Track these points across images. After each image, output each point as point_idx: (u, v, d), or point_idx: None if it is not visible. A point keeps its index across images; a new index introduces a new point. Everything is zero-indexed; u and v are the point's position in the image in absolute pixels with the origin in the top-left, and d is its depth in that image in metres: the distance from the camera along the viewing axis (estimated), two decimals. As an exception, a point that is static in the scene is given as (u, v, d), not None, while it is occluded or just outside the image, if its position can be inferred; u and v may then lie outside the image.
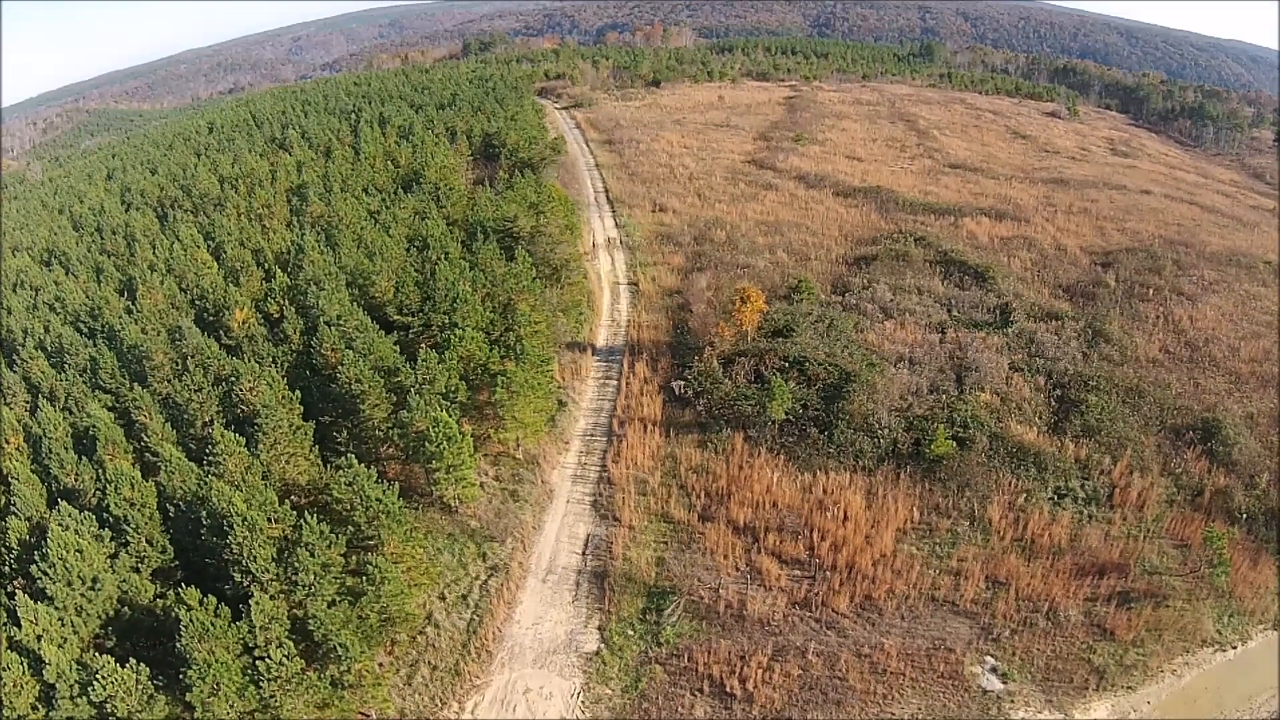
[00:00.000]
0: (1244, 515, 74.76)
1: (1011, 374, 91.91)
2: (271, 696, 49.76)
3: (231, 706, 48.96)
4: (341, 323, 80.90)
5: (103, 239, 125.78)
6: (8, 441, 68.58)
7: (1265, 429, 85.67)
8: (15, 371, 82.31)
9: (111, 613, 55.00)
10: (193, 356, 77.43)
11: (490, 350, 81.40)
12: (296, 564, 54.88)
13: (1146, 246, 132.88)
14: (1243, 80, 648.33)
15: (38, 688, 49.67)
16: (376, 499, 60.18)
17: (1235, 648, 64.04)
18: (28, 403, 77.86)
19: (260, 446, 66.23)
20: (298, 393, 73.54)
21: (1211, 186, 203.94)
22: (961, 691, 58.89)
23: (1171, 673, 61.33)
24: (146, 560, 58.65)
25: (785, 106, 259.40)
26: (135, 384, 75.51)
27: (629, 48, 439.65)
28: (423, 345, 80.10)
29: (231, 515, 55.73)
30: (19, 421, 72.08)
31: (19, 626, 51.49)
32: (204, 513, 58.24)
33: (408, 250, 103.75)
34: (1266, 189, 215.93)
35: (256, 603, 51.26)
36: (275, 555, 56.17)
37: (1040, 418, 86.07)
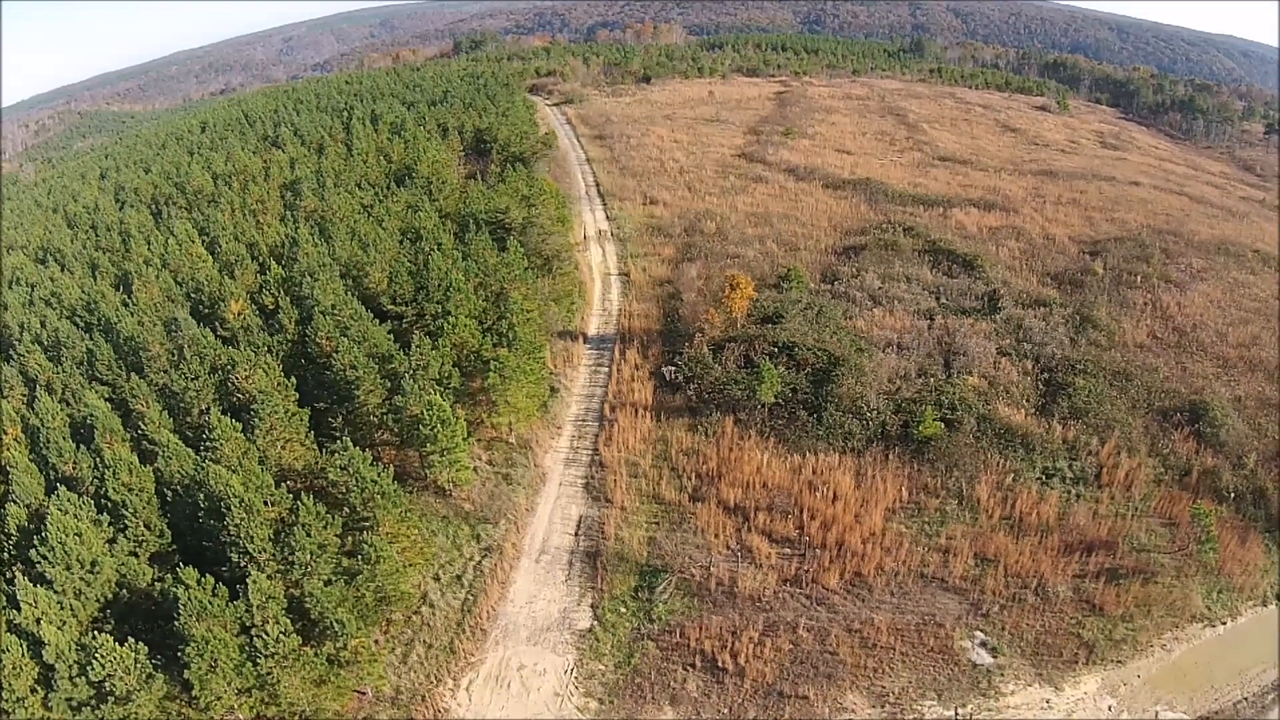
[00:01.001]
0: (1232, 494, 75.69)
1: (999, 358, 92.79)
2: (268, 673, 50.39)
3: (229, 683, 49.61)
4: (336, 312, 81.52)
5: (97, 236, 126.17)
6: (5, 432, 69.03)
7: (1253, 411, 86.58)
8: (12, 365, 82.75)
9: (110, 596, 55.48)
10: (189, 346, 77.97)
11: (483, 338, 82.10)
12: (293, 544, 55.50)
13: (1135, 236, 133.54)
14: (1235, 75, 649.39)
15: (37, 669, 50.20)
16: (372, 480, 60.87)
17: (1225, 623, 64.96)
18: (25, 395, 78.28)
19: (256, 432, 66.81)
20: (293, 380, 74.25)
21: (1201, 178, 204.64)
22: (951, 665, 59.83)
23: (1161, 647, 62.28)
24: (145, 544, 59.18)
25: (775, 102, 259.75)
26: (132, 374, 76.01)
27: (619, 45, 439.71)
28: (416, 333, 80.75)
29: (229, 497, 56.35)
30: (16, 413, 72.55)
31: (18, 610, 52.01)
32: (201, 496, 58.83)
33: (401, 242, 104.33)
34: (1257, 180, 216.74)
35: (253, 581, 51.83)
36: (272, 536, 56.78)
37: (1028, 400, 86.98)
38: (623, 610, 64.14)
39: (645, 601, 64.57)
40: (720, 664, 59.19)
